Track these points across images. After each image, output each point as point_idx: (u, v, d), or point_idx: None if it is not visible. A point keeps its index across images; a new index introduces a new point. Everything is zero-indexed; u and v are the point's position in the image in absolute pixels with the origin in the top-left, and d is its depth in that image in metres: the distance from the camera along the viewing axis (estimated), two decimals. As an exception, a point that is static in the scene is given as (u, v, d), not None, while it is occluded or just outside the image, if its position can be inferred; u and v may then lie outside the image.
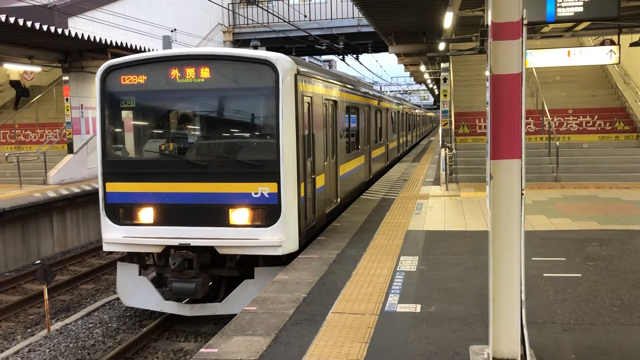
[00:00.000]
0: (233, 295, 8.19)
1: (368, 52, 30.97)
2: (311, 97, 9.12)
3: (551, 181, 15.29)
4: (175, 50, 9.28)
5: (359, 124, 14.29)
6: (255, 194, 8.00)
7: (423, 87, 65.84)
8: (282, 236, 7.94)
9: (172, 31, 23.55)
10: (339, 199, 11.35)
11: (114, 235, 8.47)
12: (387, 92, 50.58)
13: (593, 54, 14.36)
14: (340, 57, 29.97)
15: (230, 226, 8.07)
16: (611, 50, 14.00)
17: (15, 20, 13.07)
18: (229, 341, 5.13)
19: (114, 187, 8.50)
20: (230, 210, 8.06)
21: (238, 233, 8.02)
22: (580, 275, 6.84)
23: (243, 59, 8.23)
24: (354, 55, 30.66)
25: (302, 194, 8.43)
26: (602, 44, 14.52)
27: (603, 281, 6.59)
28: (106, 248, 8.69)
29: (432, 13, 14.58)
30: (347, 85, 12.79)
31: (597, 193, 13.32)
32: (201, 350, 4.99)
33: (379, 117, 18.28)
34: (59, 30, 14.72)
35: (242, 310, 5.94)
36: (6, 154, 17.36)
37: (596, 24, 12.62)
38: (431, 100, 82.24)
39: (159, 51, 9.69)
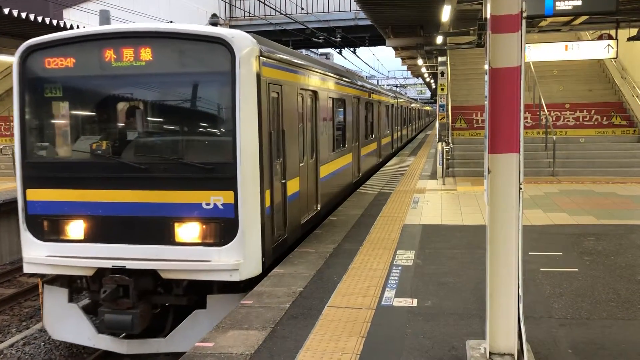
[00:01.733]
0: (180, 329, 6.76)
1: (365, 46, 30.87)
2: (281, 86, 7.67)
3: (548, 176, 15.30)
4: (110, 26, 7.43)
5: (345, 119, 12.76)
6: (207, 204, 6.52)
7: (420, 81, 65.84)
8: (239, 257, 6.48)
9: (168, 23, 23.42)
10: (319, 205, 9.89)
11: (36, 254, 6.95)
12: (383, 85, 50.51)
13: (590, 49, 14.35)
14: (338, 50, 29.86)
15: (176, 244, 6.61)
16: (609, 45, 13.99)
17: (10, 11, 12.97)
18: (225, 335, 5.11)
19: (37, 194, 6.95)
20: (175, 224, 6.61)
21: (185, 253, 6.58)
22: (577, 270, 6.84)
23: (191, 37, 6.69)
24: (351, 49, 30.56)
25: (268, 203, 6.99)
26: (600, 38, 14.49)
27: (600, 276, 6.59)
28: (27, 269, 7.12)
29: (430, 6, 14.51)
30: (330, 74, 11.23)
31: (594, 188, 13.32)
32: (196, 344, 4.97)
33: (370, 110, 16.90)
34: (54, 22, 14.62)
35: (239, 304, 5.91)
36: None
37: (594, 18, 12.62)
38: (428, 94, 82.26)
39: (91, 27, 7.77)
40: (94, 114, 7.45)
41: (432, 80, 45.40)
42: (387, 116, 21.45)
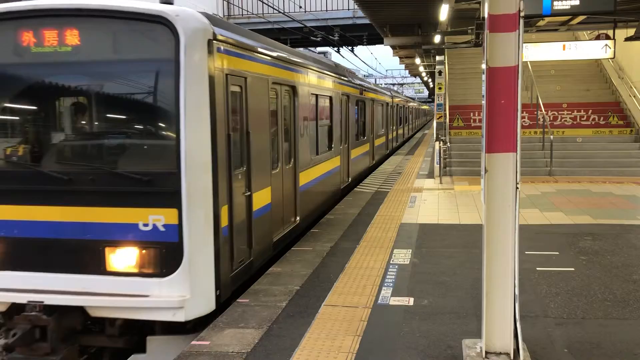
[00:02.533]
0: None
1: (363, 44, 30.85)
2: (246, 79, 6.44)
3: (545, 175, 15.32)
4: (29, 2, 5.74)
5: (332, 118, 11.48)
6: (145, 225, 5.29)
7: (418, 80, 65.88)
8: (185, 291, 5.24)
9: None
10: (298, 218, 8.66)
11: None
12: (381, 84, 50.51)
13: (588, 48, 14.37)
14: (336, 49, 29.86)
15: (108, 274, 5.38)
16: (606, 45, 14.01)
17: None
18: (221, 333, 5.10)
19: None
20: (107, 250, 5.37)
21: (119, 285, 5.33)
22: (573, 269, 6.85)
23: (126, 15, 5.37)
24: (349, 47, 30.55)
25: (225, 222, 5.77)
26: (598, 38, 14.51)
27: (596, 275, 6.60)
28: None
29: (428, 5, 14.53)
30: (313, 67, 9.88)
31: (591, 187, 13.35)
32: (193, 342, 4.96)
33: (362, 109, 15.82)
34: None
35: (235, 303, 5.91)
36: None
37: (592, 18, 12.63)
38: (426, 93, 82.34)
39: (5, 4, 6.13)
40: (8, 111, 5.97)
41: (429, 79, 45.44)
42: (381, 115, 20.37)
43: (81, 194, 5.42)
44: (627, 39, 14.38)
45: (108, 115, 5.91)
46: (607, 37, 14.14)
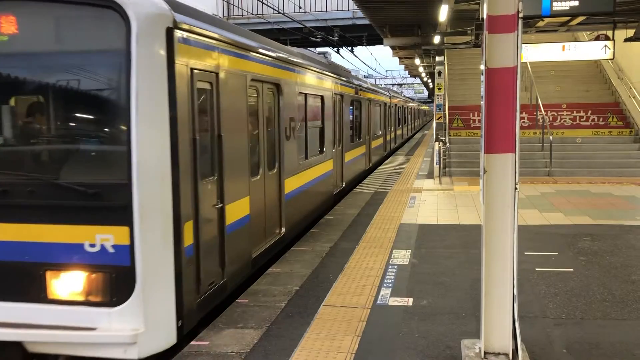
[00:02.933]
0: None
1: (363, 45, 30.87)
2: (217, 75, 5.69)
3: (544, 176, 15.33)
4: None
5: (324, 119, 10.74)
6: (92, 246, 4.53)
7: (418, 80, 65.93)
8: (138, 324, 4.49)
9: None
10: (283, 229, 7.99)
11: None
12: (381, 84, 50.49)
13: (587, 49, 14.38)
14: (335, 49, 29.88)
15: (49, 302, 4.60)
16: (606, 46, 14.03)
17: None
18: (220, 334, 5.11)
19: None
20: (47, 274, 4.60)
21: (62, 316, 4.56)
22: (572, 269, 6.86)
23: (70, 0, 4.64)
24: (349, 48, 30.56)
25: (189, 240, 5.00)
26: (597, 39, 14.52)
27: (595, 276, 6.60)
28: None
29: (428, 6, 14.54)
30: (302, 63, 9.11)
31: (590, 188, 13.35)
32: (192, 342, 4.96)
33: (358, 109, 15.12)
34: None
35: (234, 303, 5.91)
36: None
37: (591, 18, 12.64)
38: (425, 93, 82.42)
39: None
40: None
41: (429, 80, 45.47)
42: (379, 116, 19.70)
43: (17, 208, 4.63)
44: (627, 40, 14.40)
45: (49, 116, 4.98)
46: (607, 38, 14.15)
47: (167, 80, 4.72)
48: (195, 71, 5.18)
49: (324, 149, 10.77)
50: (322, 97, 10.64)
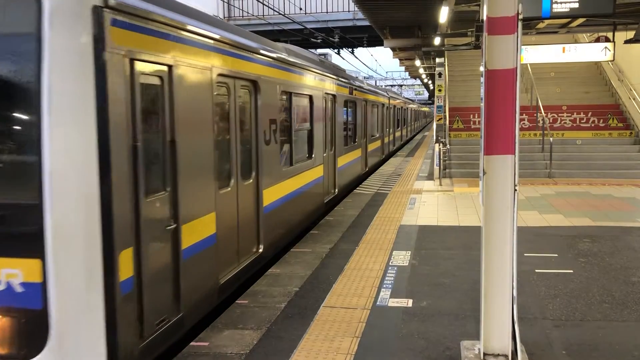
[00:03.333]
0: None
1: (363, 46, 30.90)
2: (170, 67, 4.70)
3: (544, 177, 15.34)
4: None
5: (313, 121, 9.88)
6: None
7: (418, 82, 65.96)
8: None
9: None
10: (261, 247, 6.99)
11: None
12: (381, 86, 50.49)
13: (588, 51, 14.38)
14: (336, 50, 29.91)
15: None
16: (606, 47, 14.03)
17: None
18: (220, 335, 5.11)
19: None
20: None
21: None
22: (572, 271, 6.86)
23: None
24: (350, 49, 30.60)
25: (128, 272, 4.07)
26: (597, 40, 14.53)
27: (594, 277, 6.60)
28: None
29: (428, 7, 14.54)
30: (284, 59, 8.05)
31: (590, 189, 13.35)
32: (192, 343, 4.97)
33: (353, 111, 14.27)
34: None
35: (234, 304, 5.91)
36: None
37: (591, 20, 12.65)
38: (426, 95, 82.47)
39: None
40: None
41: (429, 81, 45.49)
42: (376, 118, 19.01)
43: None
44: (627, 42, 14.41)
45: None
46: (607, 40, 14.16)
47: (95, 72, 3.71)
48: (138, 63, 4.22)
49: (313, 154, 9.89)
50: (310, 97, 9.78)
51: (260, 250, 6.99)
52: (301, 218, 9.09)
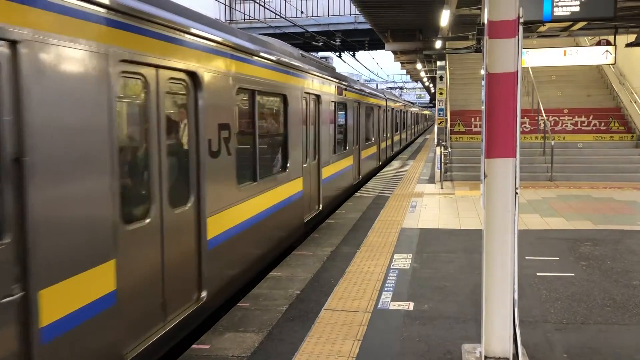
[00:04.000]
0: None
1: (365, 50, 30.96)
2: (14, 44, 3.00)
3: (545, 180, 15.33)
4: None
5: (288, 127, 8.25)
6: None
7: (419, 85, 66.03)
8: None
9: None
10: (203, 293, 5.36)
11: None
12: (383, 89, 50.49)
13: (589, 54, 14.40)
14: (337, 54, 29.96)
15: None
16: (607, 51, 14.05)
17: None
18: (221, 337, 5.12)
19: None
20: None
21: None
22: (573, 274, 6.85)
23: None
24: (351, 53, 30.65)
25: None
26: (598, 44, 14.55)
27: (596, 281, 6.60)
28: None
29: (429, 11, 14.58)
30: (238, 47, 6.20)
31: (592, 193, 13.35)
32: (193, 346, 4.97)
33: (344, 113, 13.00)
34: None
35: (235, 307, 5.92)
36: None
37: (592, 24, 12.65)
38: (427, 98, 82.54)
39: None
40: None
41: (431, 85, 45.52)
42: (372, 121, 17.66)
43: None
44: (628, 45, 14.43)
45: None
46: (608, 43, 14.18)
47: None
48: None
49: (288, 166, 8.25)
50: (284, 97, 8.11)
51: (203, 298, 5.32)
52: (270, 245, 7.47)
